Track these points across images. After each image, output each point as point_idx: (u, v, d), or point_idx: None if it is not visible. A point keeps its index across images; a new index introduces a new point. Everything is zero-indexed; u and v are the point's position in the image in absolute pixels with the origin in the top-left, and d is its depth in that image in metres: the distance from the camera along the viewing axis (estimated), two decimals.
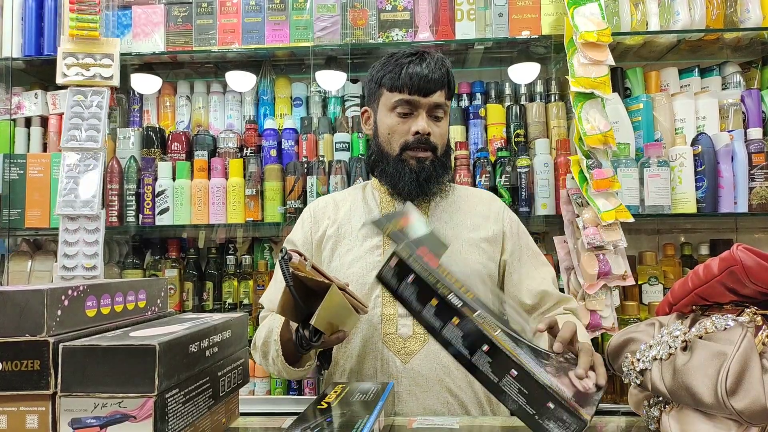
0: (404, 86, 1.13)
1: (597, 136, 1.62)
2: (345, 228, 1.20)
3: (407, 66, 1.13)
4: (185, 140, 1.95)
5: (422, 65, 1.13)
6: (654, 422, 0.79)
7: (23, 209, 1.86)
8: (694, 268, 0.80)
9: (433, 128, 1.15)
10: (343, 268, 1.16)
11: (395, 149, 1.16)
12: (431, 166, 1.15)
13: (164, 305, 0.92)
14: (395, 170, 1.16)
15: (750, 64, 1.97)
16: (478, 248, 1.17)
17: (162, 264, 1.96)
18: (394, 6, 1.88)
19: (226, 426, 0.84)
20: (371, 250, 1.16)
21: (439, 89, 1.13)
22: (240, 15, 1.92)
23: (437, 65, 1.14)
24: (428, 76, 1.12)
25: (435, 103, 1.14)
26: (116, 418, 0.62)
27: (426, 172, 1.14)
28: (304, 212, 1.28)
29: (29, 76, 2.07)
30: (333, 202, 1.27)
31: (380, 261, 1.14)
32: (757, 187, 1.73)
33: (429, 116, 1.15)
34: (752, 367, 0.66)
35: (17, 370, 0.64)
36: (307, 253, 1.21)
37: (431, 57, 1.15)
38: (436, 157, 1.16)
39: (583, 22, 1.67)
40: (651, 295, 1.78)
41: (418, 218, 0.88)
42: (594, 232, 1.60)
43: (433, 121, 1.15)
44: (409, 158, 1.15)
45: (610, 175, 1.62)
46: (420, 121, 1.13)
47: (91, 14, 1.83)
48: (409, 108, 1.14)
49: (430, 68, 1.12)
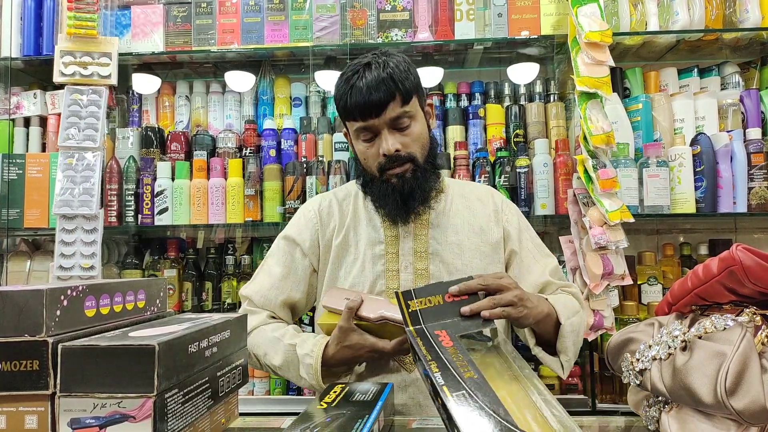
0: (354, 113, 1.09)
1: (601, 136, 1.61)
2: (351, 237, 1.19)
3: (350, 93, 1.08)
4: (184, 140, 1.95)
5: (362, 86, 1.06)
6: (653, 422, 0.79)
7: (22, 209, 1.86)
8: (694, 268, 0.80)
9: (402, 140, 1.10)
10: (350, 277, 1.16)
11: (375, 172, 1.14)
12: (412, 178, 1.12)
13: (163, 305, 0.92)
14: (381, 191, 1.14)
15: (749, 64, 1.97)
16: (480, 253, 1.17)
17: (161, 264, 1.96)
18: (394, 6, 1.88)
19: (225, 426, 0.84)
20: (375, 260, 1.16)
21: (388, 102, 1.07)
22: (239, 15, 1.92)
23: (377, 80, 1.06)
24: (369, 97, 1.06)
25: (391, 118, 1.09)
26: (115, 419, 0.62)
27: (408, 186, 1.11)
28: (309, 211, 1.24)
29: (28, 76, 2.06)
30: (336, 202, 1.24)
31: (383, 271, 1.15)
32: (756, 187, 1.73)
33: (393, 129, 1.10)
34: (752, 367, 0.66)
35: (16, 370, 0.64)
36: (313, 255, 1.21)
37: (371, 70, 1.07)
38: (417, 165, 1.12)
39: (587, 22, 1.66)
40: (650, 295, 1.79)
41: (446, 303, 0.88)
42: (601, 232, 1.59)
43: (399, 133, 1.10)
44: (390, 177, 1.12)
45: (614, 176, 1.62)
46: (383, 142, 1.09)
47: (89, 13, 1.83)
48: (369, 133, 1.11)
49: (371, 87, 1.06)
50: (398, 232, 1.17)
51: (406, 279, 1.14)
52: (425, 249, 1.16)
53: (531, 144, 1.87)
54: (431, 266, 1.15)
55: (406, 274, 1.14)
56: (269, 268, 1.22)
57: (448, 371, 0.69)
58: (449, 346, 0.76)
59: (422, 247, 1.16)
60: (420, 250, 1.16)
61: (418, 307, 0.86)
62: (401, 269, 1.15)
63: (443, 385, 0.66)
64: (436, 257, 1.15)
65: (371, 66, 1.08)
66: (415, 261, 1.15)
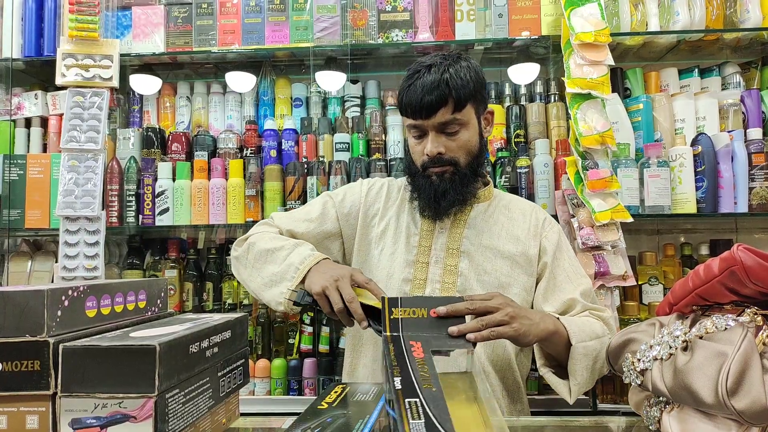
0: (407, 112, 1.13)
1: (594, 137, 1.62)
2: (392, 222, 1.23)
3: (407, 91, 1.12)
4: (185, 141, 1.95)
5: (419, 87, 1.09)
6: (654, 422, 0.79)
7: (23, 210, 1.86)
8: (695, 268, 0.80)
9: (448, 144, 1.13)
10: (384, 259, 1.20)
11: (418, 166, 1.18)
12: (450, 180, 1.14)
13: (164, 306, 0.92)
14: (419, 184, 1.18)
15: (750, 64, 1.97)
16: (512, 261, 1.17)
17: (162, 264, 1.96)
18: (394, 6, 1.88)
19: (226, 426, 0.84)
20: (409, 249, 1.19)
21: (439, 107, 1.09)
22: (240, 16, 1.92)
23: (432, 84, 1.08)
24: (422, 99, 1.08)
25: (440, 123, 1.11)
26: (116, 419, 0.62)
27: (443, 186, 1.14)
28: (358, 185, 1.30)
29: (29, 76, 2.07)
30: (388, 188, 1.28)
31: (413, 261, 1.18)
32: (757, 187, 1.73)
33: (440, 133, 1.13)
34: (753, 367, 0.66)
35: (17, 371, 0.64)
36: (346, 223, 1.25)
37: (430, 73, 1.10)
38: (458, 169, 1.15)
39: (580, 23, 1.67)
40: (651, 296, 1.78)
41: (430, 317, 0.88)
42: (589, 232, 1.60)
43: (446, 137, 1.13)
44: (431, 174, 1.16)
45: (606, 176, 1.61)
46: (428, 143, 1.13)
47: (91, 15, 1.83)
48: (419, 131, 1.15)
49: (426, 89, 1.08)
50: (434, 227, 1.20)
51: (434, 272, 1.16)
52: (457, 247, 1.17)
53: (532, 144, 1.87)
54: (461, 264, 1.16)
55: (436, 268, 1.16)
56: (299, 209, 1.29)
57: (409, 379, 0.69)
58: (419, 358, 0.75)
59: (455, 245, 1.17)
60: (452, 248, 1.17)
61: (400, 316, 0.86)
62: (431, 263, 1.17)
63: (399, 390, 0.66)
64: (466, 256, 1.16)
65: (431, 69, 1.11)
66: (446, 257, 1.17)
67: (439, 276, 1.15)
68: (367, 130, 1.94)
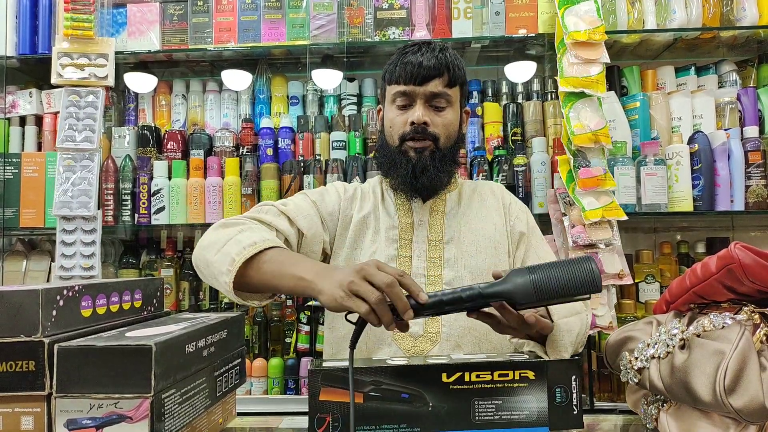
0: (399, 77, 1.12)
1: (586, 135, 1.62)
2: (371, 220, 1.19)
3: (402, 58, 1.13)
4: (181, 139, 1.95)
5: (418, 54, 1.11)
6: (652, 420, 0.79)
7: (18, 209, 1.85)
8: (692, 266, 0.80)
9: (433, 118, 1.12)
10: (365, 257, 1.16)
11: (395, 141, 1.15)
12: (430, 157, 1.12)
13: (160, 305, 0.92)
14: (393, 161, 1.15)
15: (746, 62, 1.97)
16: (495, 242, 1.17)
17: (158, 263, 1.95)
18: (391, 4, 1.88)
19: (223, 426, 0.83)
20: (389, 244, 1.16)
21: (435, 77, 1.11)
22: (236, 13, 1.91)
23: (434, 53, 1.11)
24: (422, 63, 1.10)
25: (432, 92, 1.11)
26: (112, 419, 0.62)
27: (423, 162, 1.12)
28: (337, 185, 1.24)
29: (23, 74, 2.05)
30: (361, 189, 1.25)
31: (395, 255, 1.14)
32: (753, 185, 1.73)
33: (429, 106, 1.13)
34: (750, 365, 0.66)
35: (12, 371, 0.64)
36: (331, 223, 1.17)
37: (430, 46, 1.13)
38: (437, 147, 1.13)
39: (573, 21, 1.67)
40: (648, 294, 1.79)
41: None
42: (580, 230, 1.60)
43: (433, 111, 1.13)
44: (409, 149, 1.13)
45: (598, 174, 1.61)
46: (416, 110, 1.12)
47: (86, 14, 1.82)
48: (406, 99, 1.13)
49: (426, 56, 1.10)
50: (413, 220, 1.18)
51: (418, 266, 1.15)
52: (440, 239, 1.16)
53: (529, 142, 1.87)
54: (446, 253, 1.15)
55: (420, 261, 1.15)
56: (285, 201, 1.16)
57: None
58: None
59: (437, 237, 1.16)
60: (434, 240, 1.16)
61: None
62: (414, 256, 1.16)
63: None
64: (452, 243, 1.16)
65: (431, 44, 1.14)
66: (429, 250, 1.16)
67: (423, 270, 1.14)
68: (363, 128, 1.93)
